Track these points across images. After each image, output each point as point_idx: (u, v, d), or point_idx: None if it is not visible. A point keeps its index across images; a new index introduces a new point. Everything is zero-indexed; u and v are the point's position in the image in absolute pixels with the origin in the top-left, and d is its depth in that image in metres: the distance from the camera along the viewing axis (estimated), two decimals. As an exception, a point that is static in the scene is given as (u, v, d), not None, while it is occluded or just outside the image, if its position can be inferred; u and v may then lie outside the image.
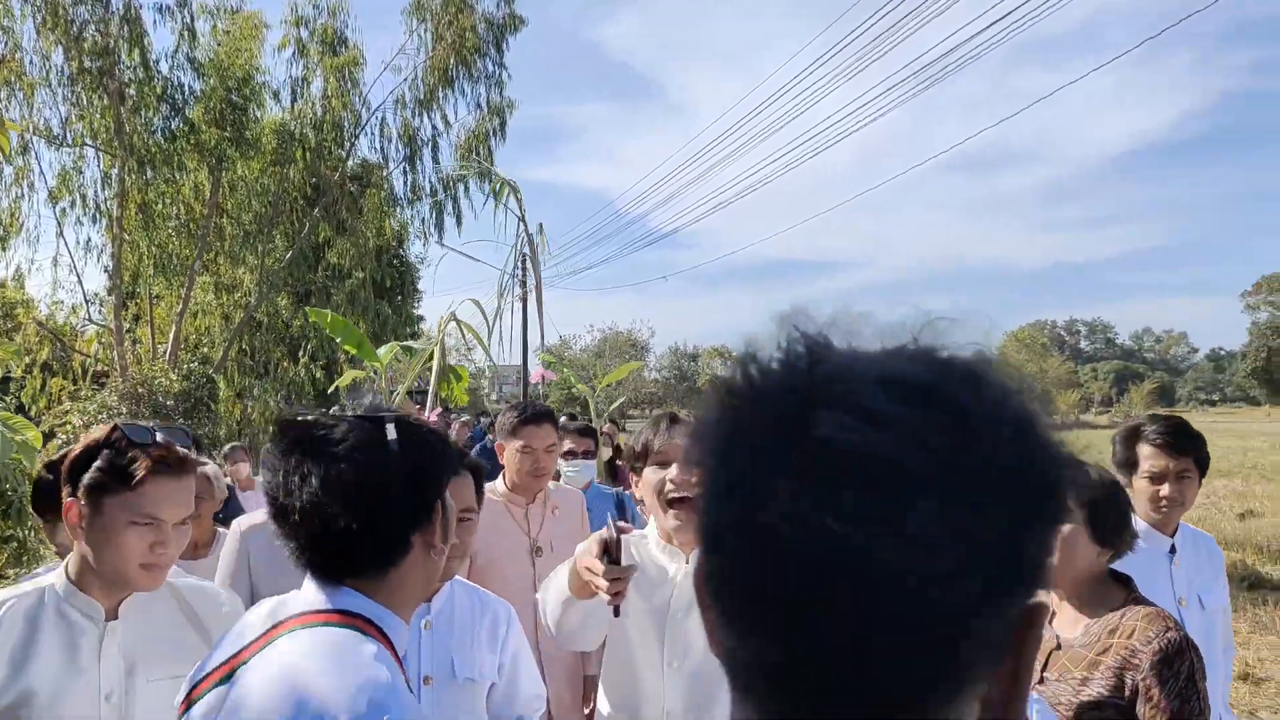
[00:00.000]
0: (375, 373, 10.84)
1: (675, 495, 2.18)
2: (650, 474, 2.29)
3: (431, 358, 11.29)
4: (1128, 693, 2.23)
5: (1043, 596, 0.61)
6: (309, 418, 1.51)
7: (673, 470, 2.16)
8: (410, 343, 12.27)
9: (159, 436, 2.08)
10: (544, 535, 3.76)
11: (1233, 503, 18.01)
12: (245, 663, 1.45)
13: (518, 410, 3.86)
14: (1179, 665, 2.21)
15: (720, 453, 0.61)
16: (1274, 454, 32.23)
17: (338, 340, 10.60)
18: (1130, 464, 3.17)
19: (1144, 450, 3.14)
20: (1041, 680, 2.40)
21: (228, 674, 1.47)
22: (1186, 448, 3.11)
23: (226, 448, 8.33)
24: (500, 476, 3.86)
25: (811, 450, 0.55)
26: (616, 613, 2.13)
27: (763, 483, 0.56)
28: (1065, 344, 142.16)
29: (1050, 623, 2.49)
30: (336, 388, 12.20)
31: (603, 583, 2.10)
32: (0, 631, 2.01)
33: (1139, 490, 3.14)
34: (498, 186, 17.50)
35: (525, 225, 16.00)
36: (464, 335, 11.57)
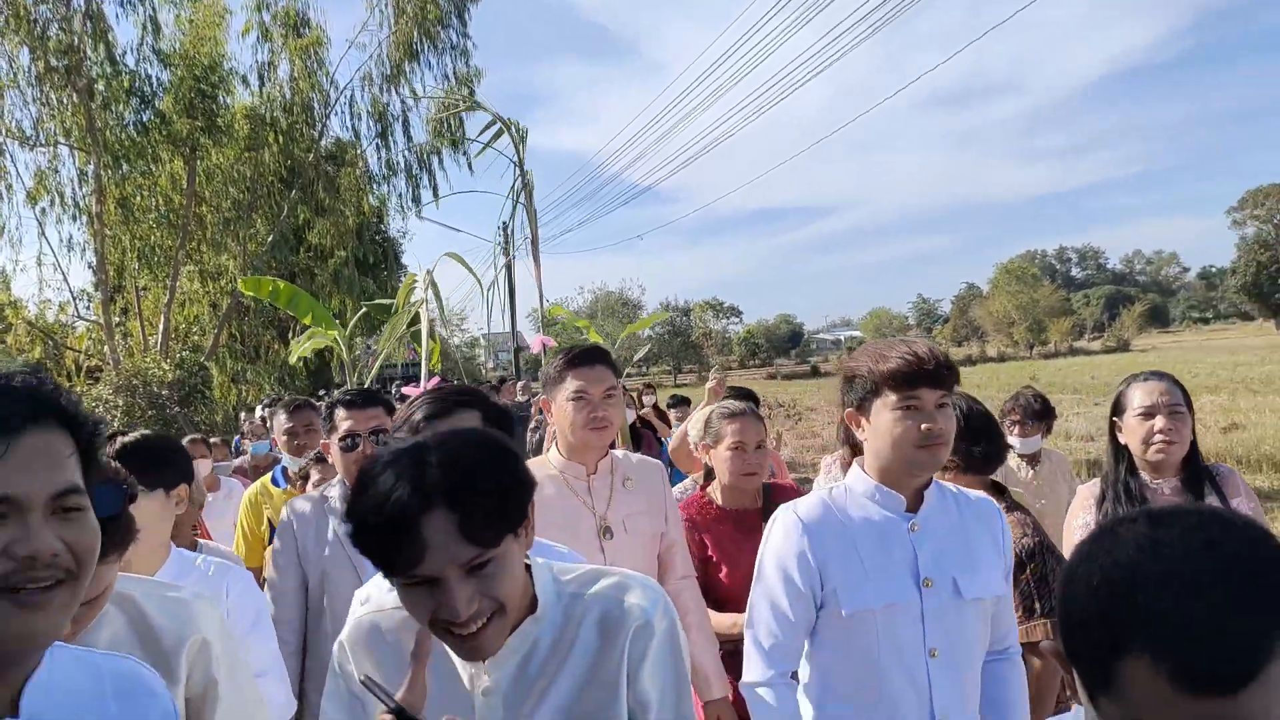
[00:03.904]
0: (342, 342, 10.59)
1: None
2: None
3: (415, 320, 10.63)
4: None
5: None
6: None
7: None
8: (382, 300, 11.80)
9: None
10: (614, 512, 3.07)
11: (1218, 417, 18.43)
12: None
13: (565, 351, 3.13)
14: (1029, 566, 2.68)
15: None
16: (1262, 367, 32.66)
17: (289, 311, 10.26)
18: None
19: None
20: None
21: None
22: None
23: (186, 440, 6.41)
24: (552, 445, 3.17)
25: None
26: None
27: None
28: (1057, 272, 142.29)
29: None
30: (301, 358, 11.75)
31: None
32: None
33: None
34: (494, 127, 16.65)
35: (522, 170, 14.85)
36: (440, 300, 10.85)
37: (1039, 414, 5.27)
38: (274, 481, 4.60)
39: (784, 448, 13.06)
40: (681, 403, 10.19)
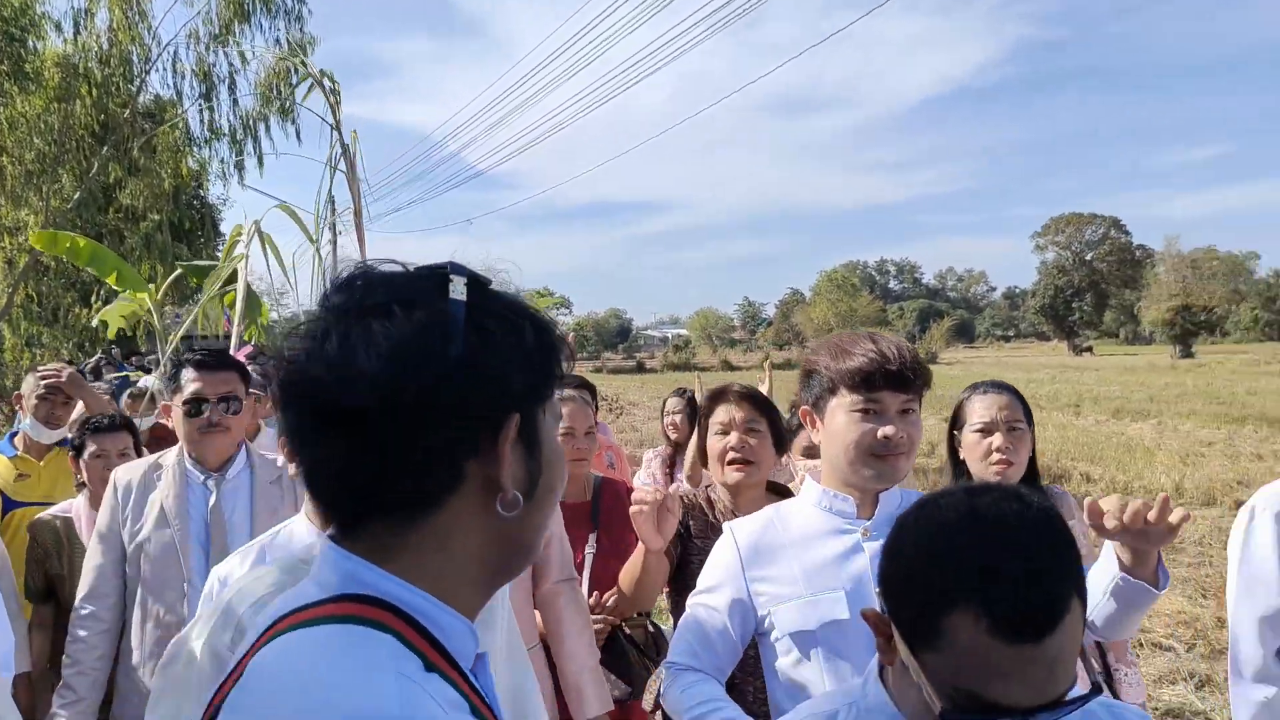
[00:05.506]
0: (151, 309, 9.94)
1: None
2: None
3: (232, 278, 9.66)
4: None
5: None
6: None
7: None
8: (200, 261, 11.00)
9: None
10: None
11: (1001, 430, 19.78)
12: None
13: None
14: None
15: None
16: (1051, 385, 35.04)
17: (90, 270, 9.48)
18: None
19: None
20: None
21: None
22: None
23: None
24: None
25: None
26: None
27: None
28: (876, 283, 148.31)
29: None
30: (104, 324, 10.79)
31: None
32: None
33: None
34: (306, 83, 15.63)
35: (339, 130, 13.55)
36: (267, 256, 9.97)
37: None
38: (0, 450, 4.32)
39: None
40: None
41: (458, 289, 0.92)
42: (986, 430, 2.91)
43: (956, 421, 3.04)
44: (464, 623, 0.95)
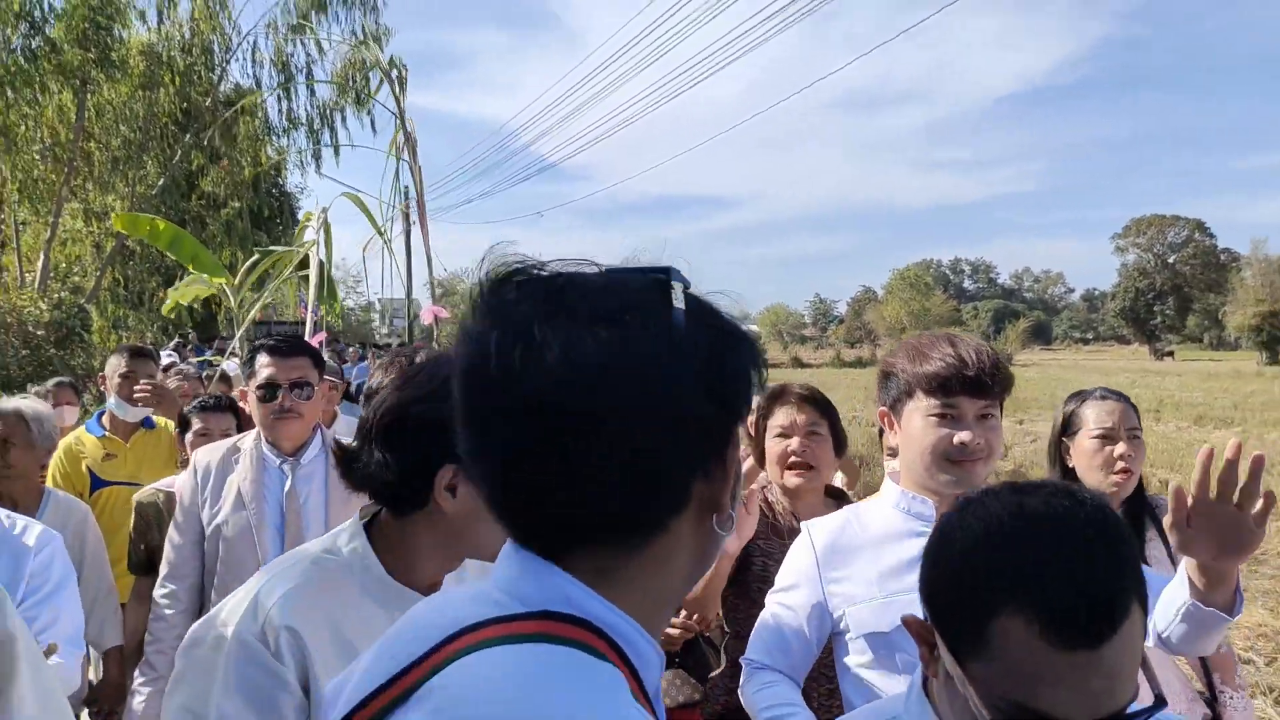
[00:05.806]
0: (225, 290, 10.02)
1: None
2: None
3: (305, 263, 9.43)
4: None
5: None
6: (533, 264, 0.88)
7: None
8: (277, 247, 11.07)
9: None
10: None
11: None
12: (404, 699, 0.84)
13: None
14: None
15: None
16: (1130, 389, 34.03)
17: (169, 253, 9.60)
18: None
19: None
20: None
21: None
22: None
23: (51, 383, 6.12)
24: None
25: None
26: None
27: None
28: (950, 283, 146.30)
29: None
30: (177, 305, 10.90)
31: None
32: None
33: None
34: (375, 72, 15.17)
35: (403, 119, 13.31)
36: (328, 246, 9.97)
37: None
38: (89, 429, 4.42)
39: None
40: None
41: (679, 297, 0.84)
42: (1108, 437, 2.81)
43: (1068, 429, 2.93)
44: (658, 652, 0.89)
